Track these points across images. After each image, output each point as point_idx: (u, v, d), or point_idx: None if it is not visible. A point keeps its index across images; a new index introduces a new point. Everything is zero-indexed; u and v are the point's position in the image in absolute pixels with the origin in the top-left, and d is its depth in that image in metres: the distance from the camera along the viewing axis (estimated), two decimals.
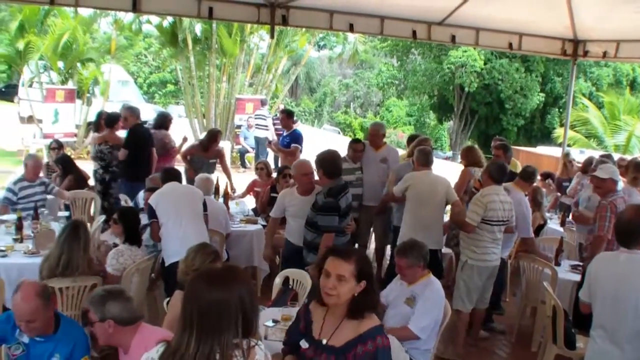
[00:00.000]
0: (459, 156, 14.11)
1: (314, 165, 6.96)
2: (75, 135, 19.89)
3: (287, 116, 11.38)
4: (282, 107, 21.66)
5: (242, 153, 19.49)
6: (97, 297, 3.90)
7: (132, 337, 3.87)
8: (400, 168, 8.61)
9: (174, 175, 7.12)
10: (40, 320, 4.10)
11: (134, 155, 9.57)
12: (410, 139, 9.69)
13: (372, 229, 9.33)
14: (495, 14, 9.91)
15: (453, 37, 10.75)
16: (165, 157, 10.52)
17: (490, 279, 7.10)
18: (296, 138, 11.18)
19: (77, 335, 4.29)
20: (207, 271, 3.04)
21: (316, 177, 6.89)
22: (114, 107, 13.80)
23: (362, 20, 10.19)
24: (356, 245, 8.55)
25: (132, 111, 9.95)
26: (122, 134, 10.09)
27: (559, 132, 27.37)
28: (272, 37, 12.65)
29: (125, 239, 6.32)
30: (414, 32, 10.49)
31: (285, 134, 11.48)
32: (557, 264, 7.47)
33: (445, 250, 8.39)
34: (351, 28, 10.28)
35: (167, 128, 10.93)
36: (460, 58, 36.03)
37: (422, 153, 7.80)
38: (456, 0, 9.43)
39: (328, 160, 6.64)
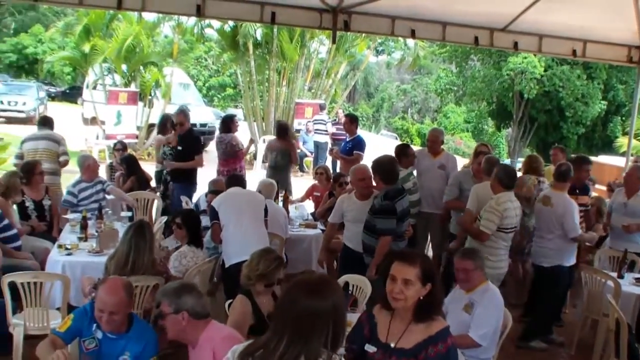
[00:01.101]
0: (518, 164, 13.93)
1: (371, 170, 6.98)
2: (137, 136, 20.22)
3: (351, 121, 11.22)
4: (341, 112, 21.69)
5: (301, 157, 19.57)
6: (172, 289, 4.00)
7: (201, 333, 3.95)
8: (459, 176, 8.56)
9: (239, 181, 7.22)
10: (121, 314, 4.22)
11: (185, 159, 9.72)
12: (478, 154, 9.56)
13: (429, 236, 9.28)
14: (559, 20, 9.75)
15: (515, 44, 10.62)
16: (233, 159, 10.80)
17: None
18: (359, 144, 10.93)
19: (148, 336, 4.40)
20: (306, 279, 3.05)
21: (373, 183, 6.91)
22: (175, 110, 14.00)
23: (424, 26, 10.13)
24: None
25: (186, 116, 10.08)
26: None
27: (621, 141, 26.87)
28: (333, 42, 12.64)
29: (188, 242, 6.42)
30: (476, 39, 10.40)
31: (347, 139, 11.40)
32: (620, 276, 7.33)
33: None
34: (413, 34, 10.24)
35: (233, 130, 11.08)
36: (520, 64, 35.49)
37: (487, 163, 7.72)
38: (520, 6, 9.30)
39: (385, 165, 6.64)
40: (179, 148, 9.59)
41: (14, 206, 7.95)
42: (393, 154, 7.77)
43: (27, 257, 7.19)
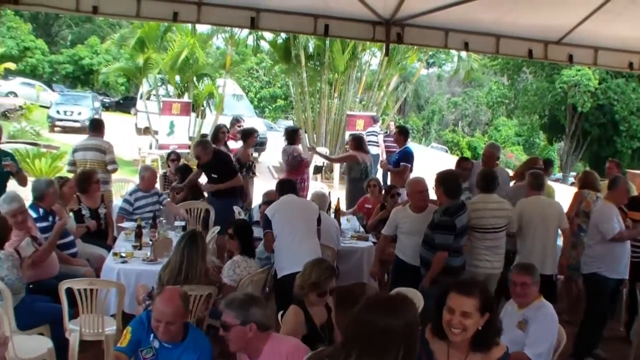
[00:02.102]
0: (571, 178, 13.76)
1: (428, 183, 6.95)
2: (189, 147, 20.44)
3: (400, 133, 11.32)
4: (392, 124, 21.66)
5: None
6: (239, 301, 4.00)
7: (264, 345, 3.96)
8: (513, 191, 8.48)
9: (290, 187, 7.21)
10: (178, 324, 4.29)
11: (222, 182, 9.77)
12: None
13: None
14: (616, 32, 9.57)
15: (570, 57, 10.46)
16: (297, 170, 11.05)
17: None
18: (406, 157, 11.02)
19: (203, 345, 4.45)
20: (380, 296, 3.05)
21: (432, 196, 6.88)
22: (227, 121, 14.10)
23: (477, 38, 10.04)
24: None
25: (205, 148, 9.94)
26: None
27: None
28: (386, 54, 12.68)
29: (241, 252, 6.46)
30: (530, 51, 10.27)
31: (397, 151, 11.43)
32: None
33: None
34: (466, 46, 10.16)
35: (297, 142, 11.38)
36: (573, 77, 35.09)
37: (533, 177, 7.66)
38: (575, 18, 9.17)
39: (449, 179, 6.63)
40: (214, 176, 9.60)
41: (71, 213, 8.08)
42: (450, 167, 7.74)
43: (82, 264, 7.32)
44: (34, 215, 7.04)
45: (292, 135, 11.35)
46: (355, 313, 2.86)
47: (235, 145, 12.02)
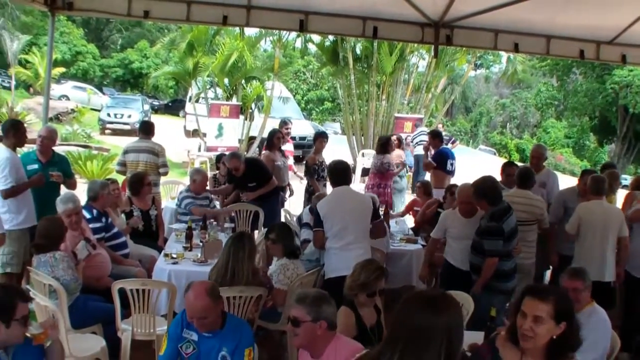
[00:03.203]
0: (624, 181, 13.52)
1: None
2: (237, 149, 20.59)
3: (433, 137, 11.73)
4: (440, 126, 21.57)
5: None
6: (312, 298, 4.00)
7: (328, 344, 3.96)
8: (564, 194, 8.37)
9: (344, 175, 6.84)
10: (211, 317, 4.35)
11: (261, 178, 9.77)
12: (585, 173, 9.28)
13: None
14: None
15: (623, 57, 10.28)
16: (381, 176, 11.65)
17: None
18: (438, 157, 11.33)
19: (242, 329, 4.55)
20: (421, 294, 2.99)
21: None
22: (275, 124, 14.18)
23: (527, 39, 9.94)
24: None
25: (239, 158, 9.88)
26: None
27: None
28: (435, 56, 12.58)
29: (287, 255, 6.48)
30: (582, 52, 10.13)
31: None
32: None
33: None
34: (516, 48, 10.07)
35: (390, 151, 11.92)
36: (625, 77, 34.51)
37: (594, 181, 7.52)
38: (629, 17, 8.99)
39: (487, 188, 6.50)
40: (253, 184, 9.63)
41: (122, 215, 8.20)
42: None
43: (134, 264, 7.42)
44: (87, 215, 7.16)
45: (384, 145, 11.85)
46: (397, 310, 2.84)
47: (284, 147, 12.11)
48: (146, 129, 10.37)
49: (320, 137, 11.23)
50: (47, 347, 4.03)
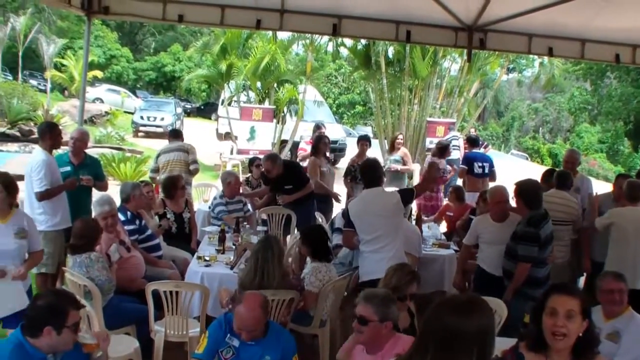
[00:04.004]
0: None
1: (508, 192, 6.86)
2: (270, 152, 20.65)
3: (467, 142, 12.07)
4: (472, 130, 21.46)
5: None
6: (381, 298, 4.01)
7: (388, 342, 3.99)
8: (599, 199, 8.28)
9: (375, 174, 6.80)
10: (259, 329, 4.40)
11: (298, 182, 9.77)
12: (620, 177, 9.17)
13: None
14: None
15: None
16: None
17: None
18: (464, 160, 11.90)
19: (285, 338, 4.58)
20: (452, 298, 2.97)
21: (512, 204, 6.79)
22: (307, 127, 14.19)
23: (562, 43, 9.84)
24: None
25: (274, 161, 9.94)
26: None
27: None
28: (468, 60, 12.58)
29: (316, 257, 6.48)
30: (617, 56, 9.98)
31: None
32: None
33: None
34: (550, 52, 9.98)
35: (445, 156, 12.31)
36: None
37: (629, 187, 7.42)
38: None
39: (529, 190, 6.46)
40: (288, 187, 9.64)
41: (155, 217, 8.26)
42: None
43: (168, 265, 7.47)
44: (122, 218, 7.23)
45: (442, 150, 12.17)
46: (428, 314, 2.82)
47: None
48: (175, 134, 10.51)
49: (362, 141, 11.26)
50: (95, 359, 4.08)
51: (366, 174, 6.91)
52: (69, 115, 28.34)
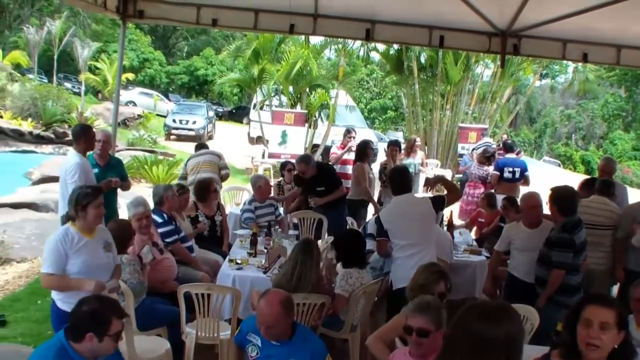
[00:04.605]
0: None
1: (541, 198, 6.81)
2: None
3: (502, 147, 11.96)
4: (505, 137, 21.30)
5: (462, 182, 19.28)
6: (435, 306, 3.97)
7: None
8: (633, 208, 8.17)
9: (405, 181, 6.83)
10: (279, 327, 4.35)
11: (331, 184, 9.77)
12: None
13: None
14: None
15: None
16: (480, 185, 12.46)
17: None
18: (495, 166, 12.05)
19: (312, 341, 4.55)
20: (481, 304, 2.95)
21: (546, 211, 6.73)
22: (339, 132, 14.20)
23: (597, 49, 9.71)
24: None
25: (308, 163, 9.95)
26: None
27: None
28: (502, 66, 12.50)
29: (347, 263, 6.44)
30: None
31: None
32: None
33: None
34: (585, 58, 9.86)
35: (492, 162, 12.54)
36: None
37: None
38: None
39: (564, 196, 6.40)
40: (321, 189, 9.65)
41: (187, 220, 8.31)
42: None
43: (204, 268, 7.50)
44: (158, 220, 7.27)
45: (489, 157, 12.55)
46: (456, 319, 2.80)
47: (346, 155, 12.15)
48: (202, 146, 10.62)
49: (392, 146, 11.25)
50: None
51: (395, 180, 6.91)
52: (102, 118, 28.67)
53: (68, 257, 4.96)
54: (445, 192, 7.39)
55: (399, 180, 6.83)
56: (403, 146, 12.92)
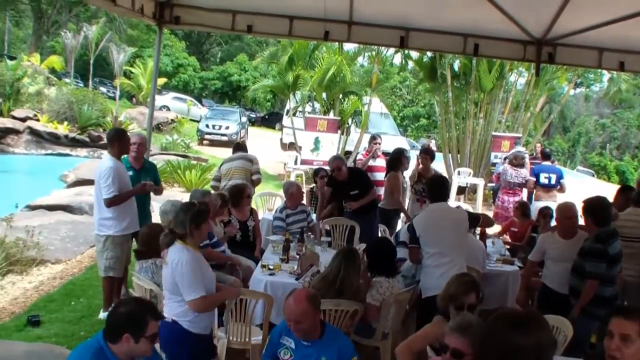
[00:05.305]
0: None
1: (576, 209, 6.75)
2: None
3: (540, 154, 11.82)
4: (538, 146, 21.12)
5: (495, 190, 19.13)
6: (477, 328, 3.76)
7: None
8: None
9: (442, 190, 6.95)
10: (307, 323, 4.42)
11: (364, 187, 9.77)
12: None
13: None
14: None
15: None
16: (514, 191, 12.82)
17: None
18: (532, 172, 12.53)
19: (340, 340, 4.61)
20: (510, 312, 2.94)
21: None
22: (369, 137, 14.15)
23: (634, 57, 9.55)
24: None
25: (343, 160, 10.14)
26: None
27: None
28: (537, 75, 12.44)
29: (377, 271, 6.42)
30: None
31: None
32: None
33: None
34: (622, 66, 9.72)
35: (526, 166, 13.02)
36: None
37: None
38: None
39: (598, 207, 6.35)
40: (356, 192, 9.64)
41: (220, 224, 8.34)
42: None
43: (237, 261, 7.60)
44: None
45: (522, 163, 12.93)
46: (485, 328, 2.79)
47: (373, 162, 12.13)
48: (239, 146, 10.64)
49: (424, 154, 11.23)
50: None
51: (432, 188, 7.00)
52: (136, 122, 28.99)
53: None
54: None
55: (436, 188, 6.91)
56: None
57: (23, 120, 23.98)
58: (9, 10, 48.70)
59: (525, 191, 13.73)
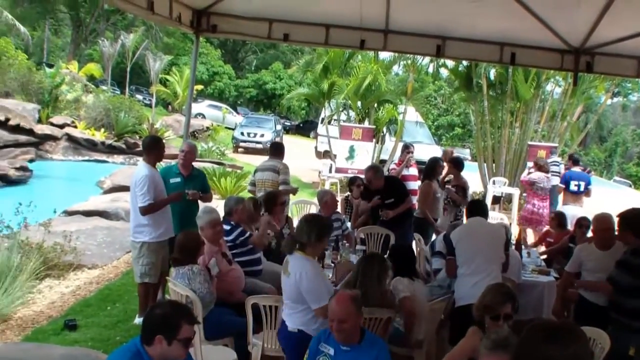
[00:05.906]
0: None
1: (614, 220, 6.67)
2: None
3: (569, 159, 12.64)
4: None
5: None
6: (512, 342, 3.70)
7: None
8: None
9: (481, 209, 7.15)
10: (350, 323, 4.45)
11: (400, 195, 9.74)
12: None
13: None
14: None
15: None
16: (542, 197, 13.08)
17: None
18: (562, 178, 12.94)
19: (379, 345, 4.62)
20: (546, 324, 2.92)
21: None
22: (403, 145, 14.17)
23: None
24: None
25: (377, 171, 9.97)
26: None
27: None
28: (574, 84, 12.33)
29: (399, 274, 6.39)
30: None
31: None
32: None
33: None
34: None
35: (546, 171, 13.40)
36: None
37: None
38: None
39: (636, 219, 6.26)
40: (391, 200, 9.59)
41: (256, 232, 8.37)
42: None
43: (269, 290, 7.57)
44: (226, 227, 7.32)
45: (543, 168, 13.32)
46: (521, 339, 2.77)
47: (406, 172, 12.11)
48: (275, 150, 10.66)
49: (450, 163, 11.20)
50: None
51: (472, 206, 7.30)
52: (172, 130, 29.26)
53: None
54: None
55: (475, 206, 7.22)
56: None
57: (61, 127, 24.35)
58: (48, 19, 49.49)
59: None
